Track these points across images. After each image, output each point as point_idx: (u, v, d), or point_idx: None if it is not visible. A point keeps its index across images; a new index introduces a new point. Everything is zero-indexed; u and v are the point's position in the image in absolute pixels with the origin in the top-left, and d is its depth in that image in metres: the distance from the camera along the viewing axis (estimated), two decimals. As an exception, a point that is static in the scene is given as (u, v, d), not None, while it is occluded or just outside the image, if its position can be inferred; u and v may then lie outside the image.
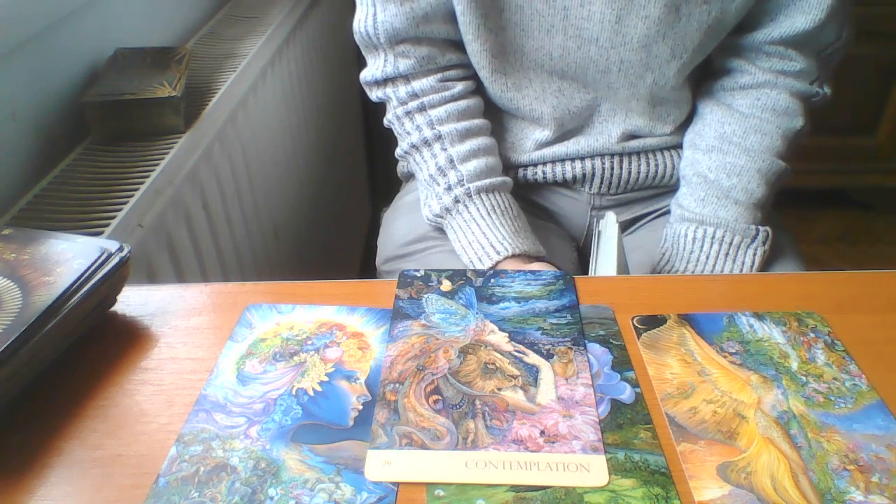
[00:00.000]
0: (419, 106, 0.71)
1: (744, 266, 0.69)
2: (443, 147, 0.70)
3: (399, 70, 0.70)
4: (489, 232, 0.67)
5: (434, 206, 0.70)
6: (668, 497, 0.35)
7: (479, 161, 0.70)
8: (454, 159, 0.69)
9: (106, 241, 0.46)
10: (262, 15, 1.06)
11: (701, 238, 0.70)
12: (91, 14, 0.75)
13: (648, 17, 0.65)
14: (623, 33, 0.67)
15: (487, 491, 0.35)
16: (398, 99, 0.71)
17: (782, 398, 0.40)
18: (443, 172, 0.70)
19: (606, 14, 0.66)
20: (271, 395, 0.41)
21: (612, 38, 0.67)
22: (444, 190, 0.70)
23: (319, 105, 1.31)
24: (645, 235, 0.79)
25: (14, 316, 0.40)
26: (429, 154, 0.71)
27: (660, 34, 0.67)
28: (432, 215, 0.71)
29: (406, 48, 0.69)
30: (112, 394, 0.42)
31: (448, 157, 0.70)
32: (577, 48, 0.68)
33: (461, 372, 0.42)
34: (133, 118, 0.70)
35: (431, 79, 0.71)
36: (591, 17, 0.66)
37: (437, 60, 0.70)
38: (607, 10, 0.65)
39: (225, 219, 0.85)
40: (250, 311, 0.48)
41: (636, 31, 0.66)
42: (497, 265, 0.64)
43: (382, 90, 0.73)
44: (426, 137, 0.70)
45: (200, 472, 0.36)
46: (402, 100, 0.71)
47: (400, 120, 0.72)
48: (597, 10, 0.66)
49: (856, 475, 0.36)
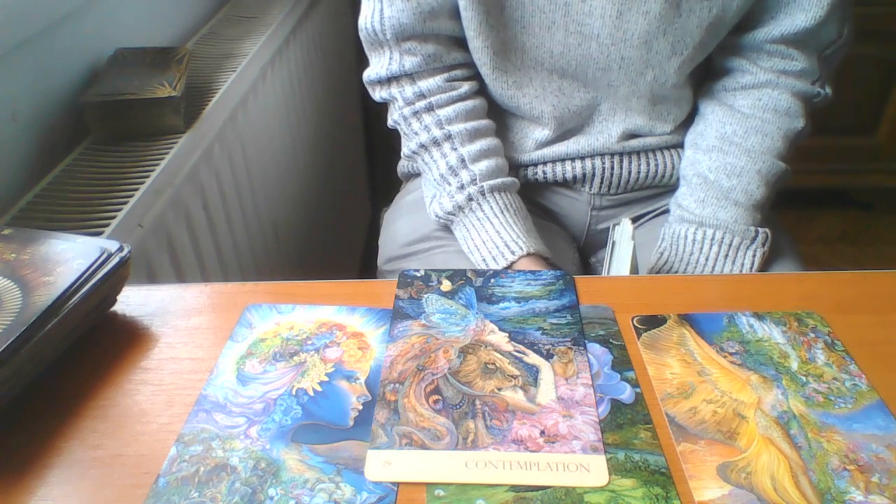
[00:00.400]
0: (427, 106, 0.70)
1: (743, 267, 0.69)
2: (453, 147, 0.70)
3: (405, 68, 0.69)
4: (503, 231, 0.66)
5: (446, 203, 0.70)
6: (668, 497, 0.35)
7: (490, 161, 0.70)
8: (465, 159, 0.69)
9: (106, 241, 0.46)
10: (262, 15, 1.06)
11: (700, 240, 0.70)
12: (91, 14, 0.75)
13: (649, 12, 0.65)
14: (624, 29, 0.67)
15: (487, 491, 0.35)
16: (404, 99, 0.71)
17: (782, 398, 0.40)
18: (454, 172, 0.69)
19: (607, 9, 0.66)
20: (271, 395, 0.41)
21: (612, 33, 0.67)
22: (456, 189, 0.69)
23: (319, 105, 1.31)
24: (644, 234, 0.79)
25: (14, 316, 0.40)
26: (438, 154, 0.71)
27: (660, 30, 0.67)
28: (443, 213, 0.70)
29: (412, 45, 0.69)
30: (112, 394, 0.42)
31: (459, 157, 0.69)
32: (578, 45, 0.68)
33: (461, 372, 0.42)
34: (133, 118, 0.70)
35: (438, 78, 0.71)
36: (591, 12, 0.66)
37: (442, 59, 0.70)
38: (608, 6, 0.65)
39: (225, 219, 0.85)
40: (250, 311, 0.48)
41: (637, 27, 0.66)
42: (512, 265, 0.64)
43: (387, 90, 0.72)
44: (435, 137, 0.70)
45: (200, 472, 0.36)
46: (408, 100, 0.71)
47: (407, 120, 0.72)
48: (598, 6, 0.66)
49: (856, 475, 0.36)
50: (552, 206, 0.81)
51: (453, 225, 0.70)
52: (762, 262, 0.69)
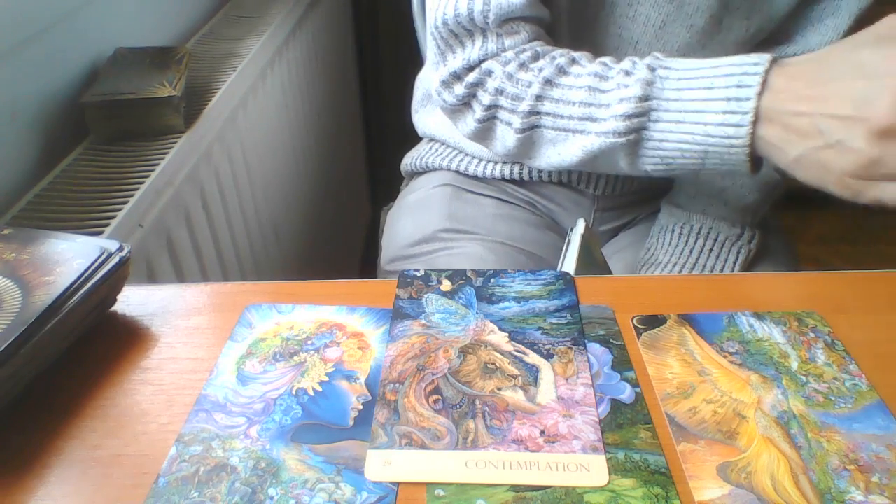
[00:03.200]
0: (533, 54, 0.59)
1: (726, 263, 0.69)
2: (582, 65, 0.58)
3: (504, 45, 0.60)
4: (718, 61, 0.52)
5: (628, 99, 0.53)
6: (668, 497, 0.35)
7: None
8: (607, 62, 0.57)
9: (106, 241, 0.46)
10: (262, 15, 1.06)
11: (687, 233, 0.70)
12: (91, 14, 0.75)
13: (693, 25, 0.65)
14: (665, 40, 0.66)
15: (487, 491, 0.35)
16: (504, 61, 0.60)
17: (782, 398, 0.40)
18: (603, 77, 0.55)
19: (652, 17, 0.65)
20: (271, 395, 0.41)
21: (652, 42, 0.66)
22: (622, 80, 0.54)
23: (319, 105, 1.31)
24: (642, 231, 0.79)
25: (14, 316, 0.40)
26: (570, 79, 0.57)
27: (700, 44, 0.66)
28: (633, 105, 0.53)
29: (514, 25, 0.60)
30: (112, 394, 0.42)
31: (601, 63, 0.57)
32: (615, 49, 0.67)
33: (461, 372, 0.42)
34: (133, 118, 0.70)
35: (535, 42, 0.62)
36: (636, 17, 0.65)
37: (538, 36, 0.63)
38: (653, 14, 0.64)
39: (225, 219, 0.85)
40: (250, 311, 0.48)
41: (678, 39, 0.66)
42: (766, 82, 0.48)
43: (477, 70, 0.61)
44: (560, 65, 0.57)
45: (200, 472, 0.36)
46: (507, 60, 0.60)
47: (513, 77, 0.59)
48: (643, 13, 0.65)
49: (856, 475, 0.36)
50: (555, 206, 0.81)
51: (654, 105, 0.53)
52: (748, 260, 0.69)
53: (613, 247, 0.81)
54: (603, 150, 0.56)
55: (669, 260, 0.69)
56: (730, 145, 0.50)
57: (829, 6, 0.67)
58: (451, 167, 0.81)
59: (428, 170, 0.85)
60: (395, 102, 1.20)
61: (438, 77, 0.64)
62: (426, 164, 0.84)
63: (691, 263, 0.69)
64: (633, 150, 0.55)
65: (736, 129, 0.49)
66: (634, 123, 0.53)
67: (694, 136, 0.51)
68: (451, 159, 0.81)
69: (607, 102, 0.55)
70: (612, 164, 0.58)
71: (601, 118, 0.55)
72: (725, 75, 0.50)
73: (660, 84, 0.53)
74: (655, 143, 0.54)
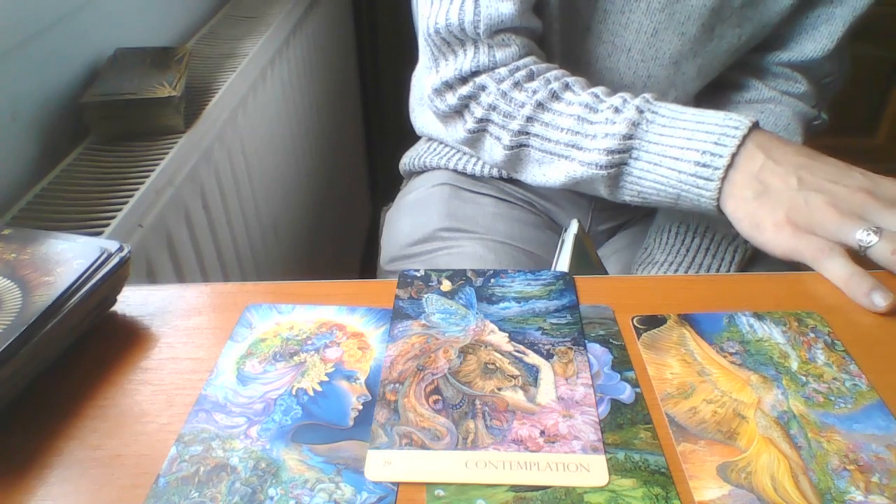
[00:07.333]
0: (528, 74, 0.61)
1: (723, 262, 0.69)
2: (576, 92, 0.59)
3: (496, 60, 0.61)
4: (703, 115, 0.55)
5: (613, 136, 0.56)
6: (668, 497, 0.35)
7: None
8: (599, 94, 0.59)
9: (106, 241, 0.46)
10: (262, 15, 1.06)
11: (684, 232, 0.70)
12: (91, 14, 0.75)
13: (685, 34, 0.65)
14: (657, 47, 0.66)
15: (487, 491, 0.35)
16: (498, 78, 0.61)
17: (782, 398, 0.40)
18: (593, 109, 0.57)
19: (644, 25, 0.65)
20: (271, 395, 0.41)
21: (644, 50, 0.67)
22: (611, 113, 0.56)
23: (319, 105, 1.31)
24: (640, 231, 0.79)
25: (14, 316, 0.40)
26: (562, 105, 0.59)
27: (692, 52, 0.67)
28: (616, 142, 0.56)
29: (505, 37, 0.61)
30: (112, 394, 0.42)
31: (593, 94, 0.59)
32: (608, 56, 0.68)
33: (461, 372, 0.42)
34: (133, 118, 0.70)
35: (529, 58, 0.63)
36: (628, 25, 0.65)
37: (533, 50, 0.64)
38: (645, 21, 0.65)
39: (225, 219, 0.85)
40: (250, 311, 0.48)
41: (670, 47, 0.66)
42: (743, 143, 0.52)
43: (471, 84, 0.62)
44: (553, 89, 0.59)
45: (200, 472, 0.36)
46: (502, 77, 0.61)
47: (507, 96, 0.60)
48: (635, 20, 0.65)
49: (856, 475, 0.36)
50: (553, 205, 0.81)
51: (636, 145, 0.56)
52: (744, 259, 0.70)
53: (611, 247, 0.81)
54: (584, 177, 0.58)
55: (667, 259, 0.69)
56: (699, 195, 0.54)
57: (824, 13, 0.67)
58: (449, 166, 0.81)
59: (426, 169, 0.85)
60: (394, 102, 1.20)
61: (431, 84, 0.65)
62: (424, 163, 0.84)
63: (688, 263, 0.69)
64: (614, 181, 0.58)
65: (706, 182, 0.53)
66: (616, 159, 0.56)
67: (668, 180, 0.55)
68: (450, 158, 0.81)
69: (594, 134, 0.57)
70: (594, 190, 0.60)
71: (587, 148, 0.57)
72: (705, 131, 0.53)
73: (644, 126, 0.56)
74: (634, 179, 0.57)
